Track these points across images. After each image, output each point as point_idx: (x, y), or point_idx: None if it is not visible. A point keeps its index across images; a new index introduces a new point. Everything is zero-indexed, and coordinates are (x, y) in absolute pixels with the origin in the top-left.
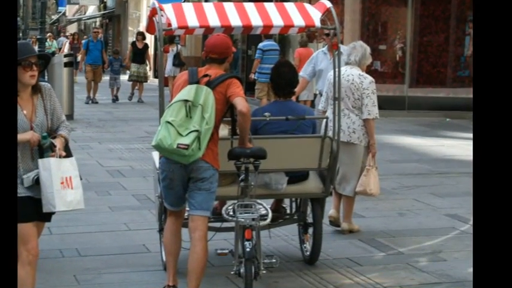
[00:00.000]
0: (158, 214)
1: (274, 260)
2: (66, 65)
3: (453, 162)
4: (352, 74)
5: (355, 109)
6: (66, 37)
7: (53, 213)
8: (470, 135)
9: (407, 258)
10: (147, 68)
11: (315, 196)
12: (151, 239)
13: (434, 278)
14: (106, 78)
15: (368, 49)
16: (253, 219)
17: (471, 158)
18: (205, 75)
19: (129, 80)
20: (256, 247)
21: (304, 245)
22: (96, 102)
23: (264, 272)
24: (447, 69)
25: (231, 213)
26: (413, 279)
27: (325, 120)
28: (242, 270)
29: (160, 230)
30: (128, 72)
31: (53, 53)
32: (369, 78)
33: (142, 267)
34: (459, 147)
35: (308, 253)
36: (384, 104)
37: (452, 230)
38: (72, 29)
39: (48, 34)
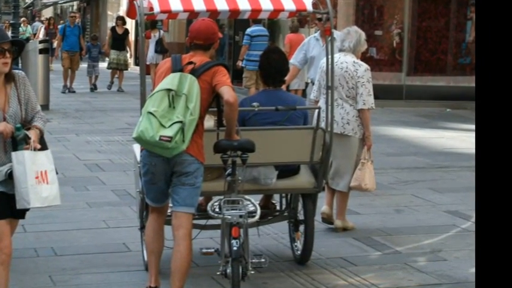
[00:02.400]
0: (139, 211)
1: (263, 260)
2: (41, 51)
3: (454, 155)
4: (346, 61)
5: (349, 99)
6: (42, 22)
7: (27, 209)
8: (472, 126)
9: (405, 258)
10: (128, 55)
11: (306, 191)
12: (132, 237)
13: (433, 279)
14: (84, 65)
15: (363, 35)
16: (240, 216)
17: (473, 150)
18: (190, 63)
19: (108, 68)
20: (244, 246)
21: (295, 244)
22: (73, 92)
23: (252, 272)
24: (447, 56)
25: (217, 209)
26: (412, 280)
27: (317, 110)
28: (229, 270)
29: (142, 228)
30: (107, 59)
31: (28, 39)
32: (364, 65)
33: (122, 267)
34: (460, 139)
35: (299, 252)
36: (380, 93)
37: (452, 228)
38: (47, 13)
39: (22, 19)
